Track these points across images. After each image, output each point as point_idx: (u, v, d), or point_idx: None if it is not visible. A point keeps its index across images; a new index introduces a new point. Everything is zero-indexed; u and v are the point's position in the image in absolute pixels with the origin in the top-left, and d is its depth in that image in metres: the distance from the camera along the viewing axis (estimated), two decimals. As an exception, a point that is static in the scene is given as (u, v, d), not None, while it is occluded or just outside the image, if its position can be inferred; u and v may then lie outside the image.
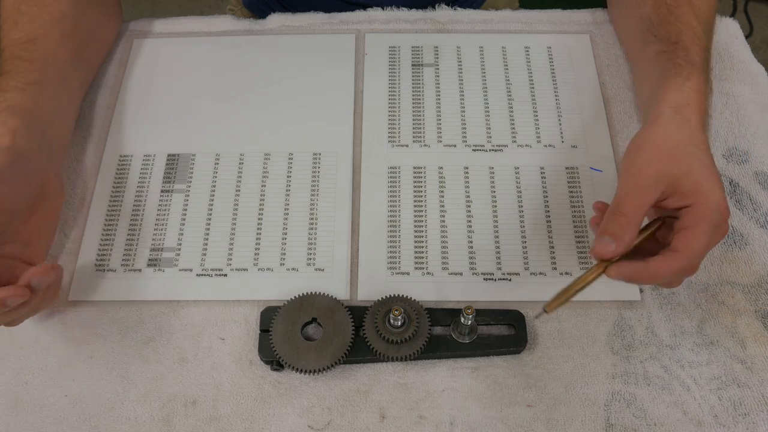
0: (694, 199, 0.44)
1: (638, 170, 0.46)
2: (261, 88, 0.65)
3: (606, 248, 0.44)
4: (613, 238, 0.44)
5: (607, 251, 0.44)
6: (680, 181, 0.45)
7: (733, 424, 0.48)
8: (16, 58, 0.54)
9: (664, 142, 0.47)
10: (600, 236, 0.44)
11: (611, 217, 0.45)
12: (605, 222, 0.45)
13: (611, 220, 0.44)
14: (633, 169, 0.46)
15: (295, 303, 0.51)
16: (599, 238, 0.44)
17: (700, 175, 0.45)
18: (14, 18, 0.57)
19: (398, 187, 0.59)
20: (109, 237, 0.57)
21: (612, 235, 0.44)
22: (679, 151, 0.46)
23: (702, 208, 0.44)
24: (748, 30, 1.48)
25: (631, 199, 0.45)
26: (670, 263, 0.44)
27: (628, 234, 0.44)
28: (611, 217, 0.45)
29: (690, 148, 0.46)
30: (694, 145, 0.47)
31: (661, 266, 0.44)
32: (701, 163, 0.46)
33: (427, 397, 0.49)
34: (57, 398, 0.50)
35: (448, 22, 0.69)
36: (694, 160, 0.46)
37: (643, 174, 0.45)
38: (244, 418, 0.49)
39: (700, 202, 0.44)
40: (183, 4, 1.66)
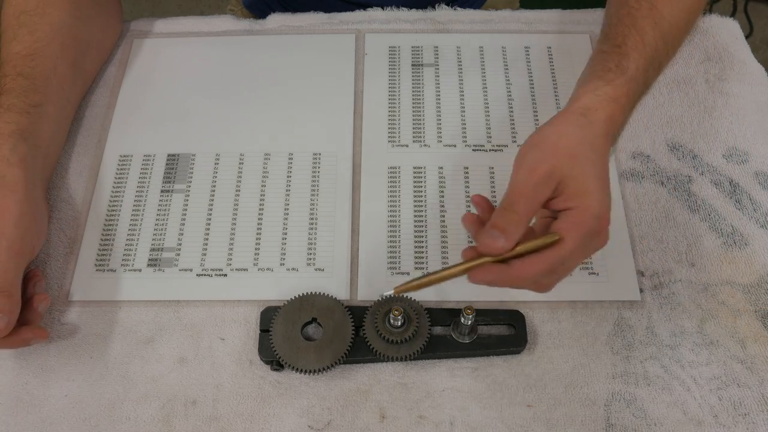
0: (577, 203, 0.43)
1: (532, 166, 0.43)
2: (261, 88, 0.65)
3: (494, 243, 0.41)
4: (503, 234, 0.41)
5: (495, 246, 0.41)
6: (568, 181, 0.43)
7: (733, 424, 0.48)
8: (18, 75, 0.55)
9: (560, 141, 0.45)
10: (488, 230, 0.42)
11: (503, 213, 0.42)
12: (496, 217, 0.42)
13: (503, 216, 0.42)
14: (527, 164, 0.44)
15: (295, 303, 0.51)
16: (487, 232, 0.42)
17: (589, 180, 0.43)
18: (14, 29, 0.57)
19: (398, 187, 0.59)
20: (109, 237, 0.57)
21: (502, 230, 0.41)
22: (574, 151, 0.44)
23: (581, 214, 0.42)
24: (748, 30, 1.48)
25: (524, 197, 0.42)
26: (533, 266, 0.42)
27: (518, 231, 0.42)
28: (503, 213, 0.42)
29: (586, 151, 0.44)
30: (591, 149, 0.45)
31: (525, 269, 0.42)
32: (593, 169, 0.44)
33: (427, 397, 0.49)
34: (57, 398, 0.50)
35: (448, 22, 0.69)
36: (587, 164, 0.44)
37: (537, 171, 0.43)
38: (244, 418, 0.49)
39: (581, 207, 0.43)
40: (183, 4, 1.66)
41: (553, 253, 0.42)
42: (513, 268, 0.42)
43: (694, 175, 0.59)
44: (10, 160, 0.51)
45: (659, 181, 0.59)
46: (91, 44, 0.63)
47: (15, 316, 0.46)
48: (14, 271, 0.47)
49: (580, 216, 0.42)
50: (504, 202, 0.43)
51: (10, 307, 0.46)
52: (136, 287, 0.54)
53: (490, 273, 0.42)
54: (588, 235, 0.43)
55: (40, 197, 0.53)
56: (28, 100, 0.54)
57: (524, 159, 0.44)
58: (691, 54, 0.66)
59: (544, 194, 0.43)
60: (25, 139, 0.52)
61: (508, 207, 0.42)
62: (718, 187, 0.58)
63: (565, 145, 0.44)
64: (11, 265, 0.47)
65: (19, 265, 0.48)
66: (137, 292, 0.54)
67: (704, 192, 0.58)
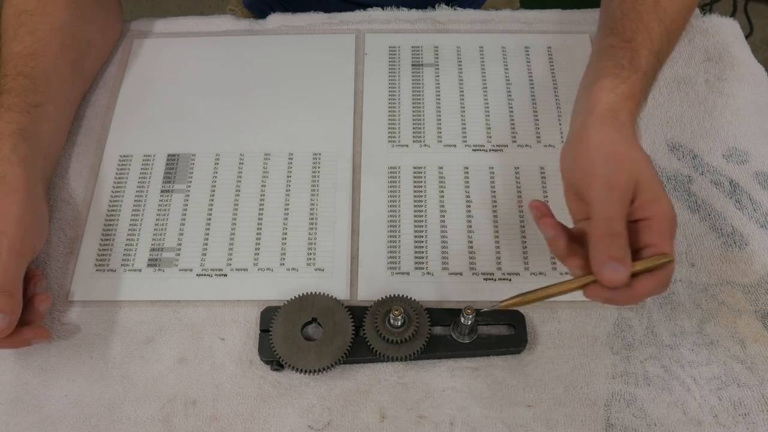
0: (654, 212, 0.42)
1: (610, 181, 0.42)
2: (261, 88, 0.65)
3: (617, 275, 0.40)
4: (622, 264, 0.40)
5: (619, 279, 0.40)
6: (641, 188, 0.43)
7: (733, 424, 0.48)
8: (18, 75, 0.55)
9: (618, 148, 0.44)
10: (606, 262, 0.40)
11: (611, 239, 0.41)
12: (604, 246, 0.41)
13: (613, 244, 0.41)
14: (606, 180, 0.43)
15: (295, 303, 0.51)
16: (605, 263, 0.40)
17: (655, 184, 0.43)
18: (14, 29, 0.57)
19: (398, 187, 0.59)
20: (109, 237, 0.57)
21: (620, 261, 0.40)
22: (633, 156, 0.44)
23: (664, 223, 0.42)
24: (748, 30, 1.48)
25: (618, 216, 0.42)
26: (650, 286, 0.42)
27: (629, 253, 0.41)
28: (611, 240, 0.41)
29: (637, 153, 0.44)
30: (638, 151, 0.45)
31: (643, 289, 0.42)
32: (652, 172, 0.44)
33: (427, 397, 0.49)
34: (57, 398, 0.50)
35: (448, 22, 0.69)
36: (646, 166, 0.44)
37: (618, 185, 0.42)
38: (244, 418, 0.49)
39: (660, 215, 0.42)
40: (183, 4, 1.66)
41: (668, 271, 0.42)
42: (634, 290, 0.41)
43: (694, 175, 0.59)
44: (11, 160, 0.51)
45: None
46: (92, 44, 0.63)
47: (16, 316, 0.46)
48: (15, 270, 0.47)
49: (663, 225, 0.42)
50: (601, 226, 0.42)
51: (12, 306, 0.46)
52: (136, 287, 0.54)
53: (608, 292, 0.42)
54: (674, 235, 0.43)
55: (41, 197, 0.53)
56: (28, 100, 0.54)
57: (595, 175, 0.43)
58: (691, 54, 0.66)
59: (627, 206, 0.43)
60: (26, 138, 0.52)
61: (611, 232, 0.41)
62: (718, 187, 0.58)
63: (624, 152, 0.44)
64: (12, 265, 0.47)
65: (21, 265, 0.48)
66: (137, 292, 0.54)
67: (704, 192, 0.58)
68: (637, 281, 0.41)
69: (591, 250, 0.42)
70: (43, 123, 0.55)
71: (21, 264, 0.48)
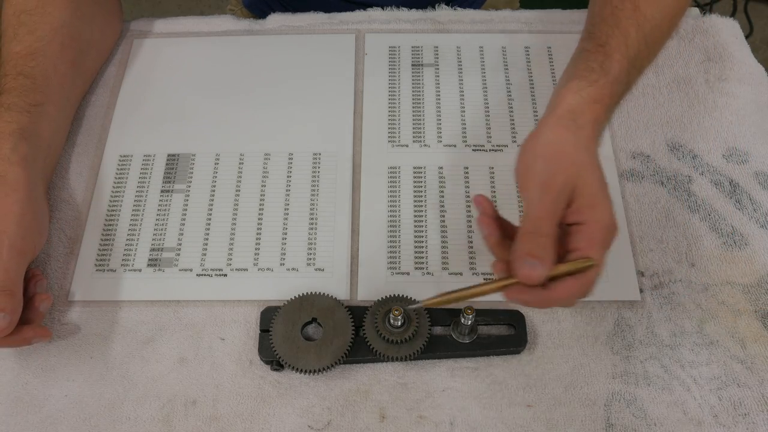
0: (589, 217, 0.42)
1: (546, 182, 0.42)
2: (261, 88, 0.65)
3: (533, 272, 0.40)
4: (540, 262, 0.40)
5: (534, 276, 0.40)
6: (579, 191, 0.42)
7: (733, 424, 0.48)
8: (19, 75, 0.55)
9: (563, 149, 0.44)
10: (524, 258, 0.41)
11: (534, 238, 0.41)
12: (528, 244, 0.41)
13: (534, 242, 0.41)
14: (539, 179, 0.43)
15: (295, 303, 0.51)
16: (523, 260, 0.41)
17: (596, 188, 0.43)
18: (14, 29, 0.57)
19: (398, 187, 0.59)
20: (109, 237, 0.57)
21: (539, 258, 0.40)
22: (577, 159, 0.43)
23: (597, 229, 0.42)
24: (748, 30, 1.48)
25: (547, 216, 0.42)
26: (571, 289, 0.42)
27: (552, 254, 0.41)
28: (534, 239, 0.41)
29: (585, 157, 0.44)
30: (588, 155, 0.44)
31: (563, 292, 0.42)
32: (595, 175, 0.43)
33: (427, 397, 0.49)
34: (57, 398, 0.50)
35: (448, 22, 0.69)
36: (591, 172, 0.43)
37: (553, 186, 0.42)
38: (244, 418, 0.49)
39: (594, 221, 0.42)
40: (183, 4, 1.66)
41: (589, 276, 0.42)
42: (551, 291, 0.41)
43: (694, 175, 0.59)
44: (11, 160, 0.51)
45: (659, 181, 0.59)
46: (92, 43, 0.63)
47: (17, 315, 0.46)
48: (16, 270, 0.48)
49: (597, 231, 0.42)
50: (528, 224, 0.42)
51: (12, 306, 0.46)
52: (136, 287, 0.54)
53: (526, 294, 0.42)
54: (607, 243, 0.43)
55: (41, 196, 0.53)
56: (28, 100, 0.54)
57: (533, 172, 0.43)
58: (691, 54, 0.66)
59: (561, 208, 0.42)
60: (26, 138, 0.52)
61: (536, 231, 0.41)
62: (718, 187, 0.58)
63: (569, 154, 0.44)
64: (13, 264, 0.47)
65: (21, 265, 0.48)
66: (137, 292, 0.54)
67: (704, 192, 0.58)
68: (557, 283, 0.41)
69: (514, 246, 0.42)
70: (43, 123, 0.55)
71: (21, 263, 0.48)
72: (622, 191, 0.58)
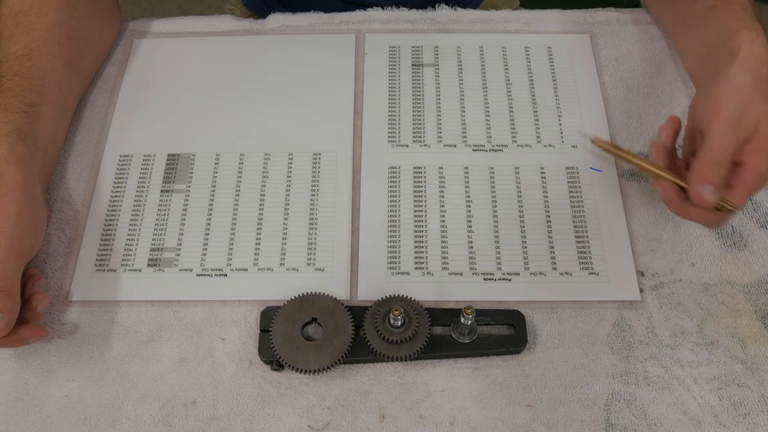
0: (752, 161, 0.47)
1: (738, 121, 0.47)
2: (261, 87, 0.65)
3: (708, 196, 0.46)
4: (715, 189, 0.46)
5: (707, 200, 0.46)
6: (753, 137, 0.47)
7: (733, 424, 0.48)
8: (15, 75, 0.55)
9: (753, 96, 0.48)
10: (704, 184, 0.46)
11: (715, 167, 0.46)
12: (708, 170, 0.46)
13: (715, 171, 0.46)
14: (733, 118, 0.47)
15: (295, 303, 0.51)
16: (703, 186, 0.46)
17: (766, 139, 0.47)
18: (10, 29, 0.57)
19: (398, 187, 0.59)
20: (109, 237, 0.57)
21: (715, 185, 0.46)
22: (761, 105, 0.48)
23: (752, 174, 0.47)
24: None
25: (730, 150, 0.46)
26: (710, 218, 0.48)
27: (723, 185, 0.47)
28: (715, 168, 0.46)
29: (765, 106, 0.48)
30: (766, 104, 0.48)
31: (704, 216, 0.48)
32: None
33: (427, 397, 0.49)
34: (57, 398, 0.50)
35: (448, 22, 0.69)
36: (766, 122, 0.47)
37: (742, 126, 0.47)
38: (244, 418, 0.49)
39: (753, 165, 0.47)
40: (183, 4, 1.66)
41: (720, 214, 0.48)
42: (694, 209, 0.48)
43: (694, 175, 0.59)
44: (8, 160, 0.51)
45: (659, 181, 0.59)
46: (89, 43, 0.63)
47: (15, 316, 0.46)
48: (14, 270, 0.47)
49: (750, 177, 0.47)
50: (712, 154, 0.46)
51: (11, 306, 0.46)
52: (136, 287, 0.54)
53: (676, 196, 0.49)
54: (751, 193, 0.48)
55: (39, 196, 0.53)
56: (25, 100, 0.54)
57: (725, 111, 0.47)
58: (691, 54, 0.66)
59: (740, 147, 0.47)
60: (23, 138, 0.52)
61: (718, 161, 0.46)
62: (718, 187, 0.58)
63: (757, 101, 0.48)
64: (10, 264, 0.47)
65: (19, 265, 0.48)
66: (137, 292, 0.54)
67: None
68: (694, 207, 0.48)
69: (695, 166, 0.47)
70: (41, 123, 0.55)
71: (19, 263, 0.48)
72: (622, 191, 0.58)
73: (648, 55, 0.66)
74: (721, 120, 0.47)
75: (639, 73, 0.65)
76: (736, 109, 0.47)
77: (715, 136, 0.47)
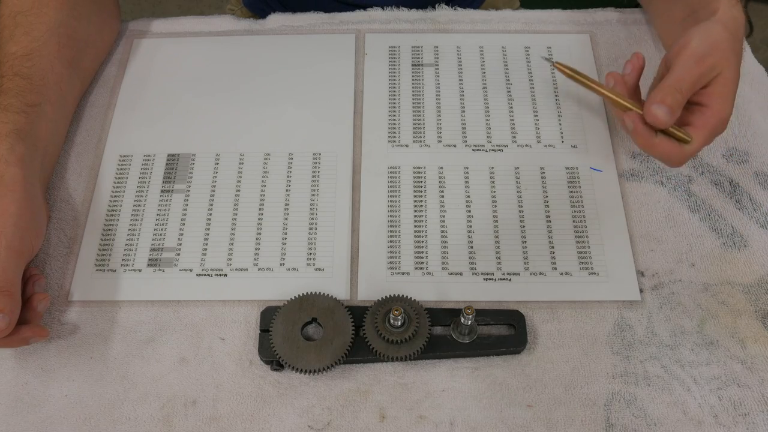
0: (713, 103, 0.50)
1: (700, 57, 0.49)
2: (261, 87, 0.65)
3: (662, 116, 0.48)
4: (670, 112, 0.48)
5: (661, 120, 0.48)
6: (718, 80, 0.50)
7: (733, 424, 0.48)
8: (15, 75, 0.55)
9: (721, 43, 0.50)
10: (657, 104, 0.48)
11: (671, 91, 0.48)
12: (664, 93, 0.48)
13: (672, 95, 0.48)
14: (695, 53, 0.49)
15: (295, 303, 0.51)
16: (655, 105, 0.48)
17: (730, 86, 0.50)
18: (10, 30, 0.57)
19: (398, 187, 0.59)
20: (109, 237, 0.57)
21: (670, 108, 0.48)
22: (729, 57, 0.50)
23: (714, 117, 0.50)
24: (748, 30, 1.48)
25: (690, 82, 0.49)
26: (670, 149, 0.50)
27: (679, 110, 0.49)
28: (672, 93, 0.48)
29: (733, 59, 0.50)
30: (736, 56, 0.51)
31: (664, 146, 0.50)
32: (735, 77, 0.50)
33: (427, 397, 0.49)
34: (57, 398, 0.50)
35: (448, 22, 0.69)
36: (733, 72, 0.50)
37: (704, 62, 0.49)
38: (244, 418, 0.49)
39: (715, 109, 0.50)
40: (183, 4, 1.66)
41: (685, 150, 0.50)
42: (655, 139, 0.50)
43: (694, 175, 0.59)
44: (8, 160, 0.51)
45: (659, 181, 0.59)
46: (89, 43, 0.63)
47: (16, 316, 0.46)
48: (14, 270, 0.47)
49: (712, 118, 0.50)
50: (671, 80, 0.49)
51: (11, 306, 0.46)
52: (136, 287, 0.54)
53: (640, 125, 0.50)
54: (711, 136, 0.51)
55: (39, 196, 0.53)
56: (25, 100, 0.54)
57: (692, 48, 0.50)
58: (691, 54, 0.66)
59: (701, 84, 0.50)
60: (23, 138, 0.52)
61: (676, 87, 0.48)
62: (718, 187, 0.58)
63: (724, 49, 0.50)
64: (11, 265, 0.47)
65: (19, 265, 0.48)
66: (137, 292, 0.54)
67: (704, 192, 0.58)
68: (661, 137, 0.50)
69: (653, 91, 0.49)
70: (41, 123, 0.55)
71: (19, 264, 0.48)
72: (622, 191, 0.58)
73: (648, 55, 0.66)
74: (686, 54, 0.50)
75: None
76: (703, 49, 0.50)
77: (678, 66, 0.49)
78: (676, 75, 0.49)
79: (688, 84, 0.49)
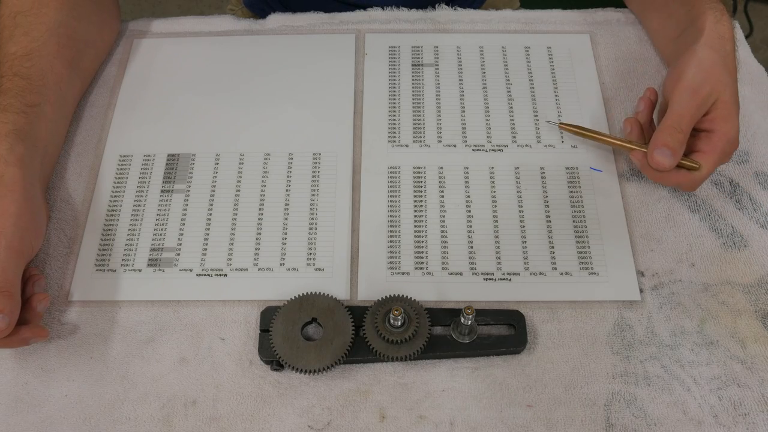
0: (719, 128, 0.51)
1: (695, 88, 0.50)
2: (261, 87, 0.65)
3: (664, 160, 0.50)
4: (673, 154, 0.50)
5: (665, 163, 0.50)
6: (718, 105, 0.51)
7: (733, 424, 0.48)
8: (15, 76, 0.55)
9: (714, 68, 0.51)
10: (660, 148, 0.50)
11: (672, 132, 0.50)
12: (664, 135, 0.50)
13: (673, 136, 0.50)
14: (690, 85, 0.51)
15: (295, 303, 0.51)
16: (658, 150, 0.50)
17: (731, 108, 0.51)
18: (10, 30, 0.58)
19: (398, 187, 0.59)
20: (109, 237, 0.57)
21: (673, 150, 0.50)
22: (723, 79, 0.51)
23: (721, 140, 0.51)
24: (748, 30, 1.48)
25: (689, 117, 0.50)
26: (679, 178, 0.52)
27: (682, 149, 0.50)
28: (672, 133, 0.50)
29: (728, 79, 0.52)
30: (730, 76, 0.52)
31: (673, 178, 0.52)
32: (734, 98, 0.52)
33: (427, 397, 0.49)
34: (57, 398, 0.50)
35: (448, 22, 0.69)
36: (731, 93, 0.51)
37: (700, 93, 0.50)
38: (244, 418, 0.49)
39: (721, 132, 0.51)
40: (183, 4, 1.66)
41: (695, 176, 0.52)
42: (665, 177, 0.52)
43: (694, 175, 0.59)
44: (8, 160, 0.51)
45: (659, 181, 0.59)
46: (89, 43, 0.63)
47: (15, 316, 0.46)
48: (14, 270, 0.47)
49: (720, 142, 0.51)
50: (671, 119, 0.50)
51: (11, 307, 0.46)
52: (136, 287, 0.54)
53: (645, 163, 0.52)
54: (722, 158, 0.52)
55: (39, 196, 0.53)
56: (25, 101, 0.54)
57: (685, 80, 0.51)
58: (691, 54, 0.66)
59: (701, 114, 0.51)
60: (23, 139, 0.52)
61: (676, 127, 0.50)
62: (718, 187, 0.58)
63: (717, 73, 0.51)
64: (11, 265, 0.47)
65: (19, 265, 0.48)
66: (137, 292, 0.54)
67: (704, 192, 0.58)
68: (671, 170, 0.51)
69: (655, 132, 0.51)
70: (41, 123, 0.55)
71: (19, 264, 0.48)
72: (622, 191, 0.58)
73: (648, 55, 0.66)
74: (681, 88, 0.51)
75: (639, 73, 0.65)
76: (697, 79, 0.51)
77: (675, 103, 0.51)
78: (674, 112, 0.51)
79: (687, 120, 0.50)
